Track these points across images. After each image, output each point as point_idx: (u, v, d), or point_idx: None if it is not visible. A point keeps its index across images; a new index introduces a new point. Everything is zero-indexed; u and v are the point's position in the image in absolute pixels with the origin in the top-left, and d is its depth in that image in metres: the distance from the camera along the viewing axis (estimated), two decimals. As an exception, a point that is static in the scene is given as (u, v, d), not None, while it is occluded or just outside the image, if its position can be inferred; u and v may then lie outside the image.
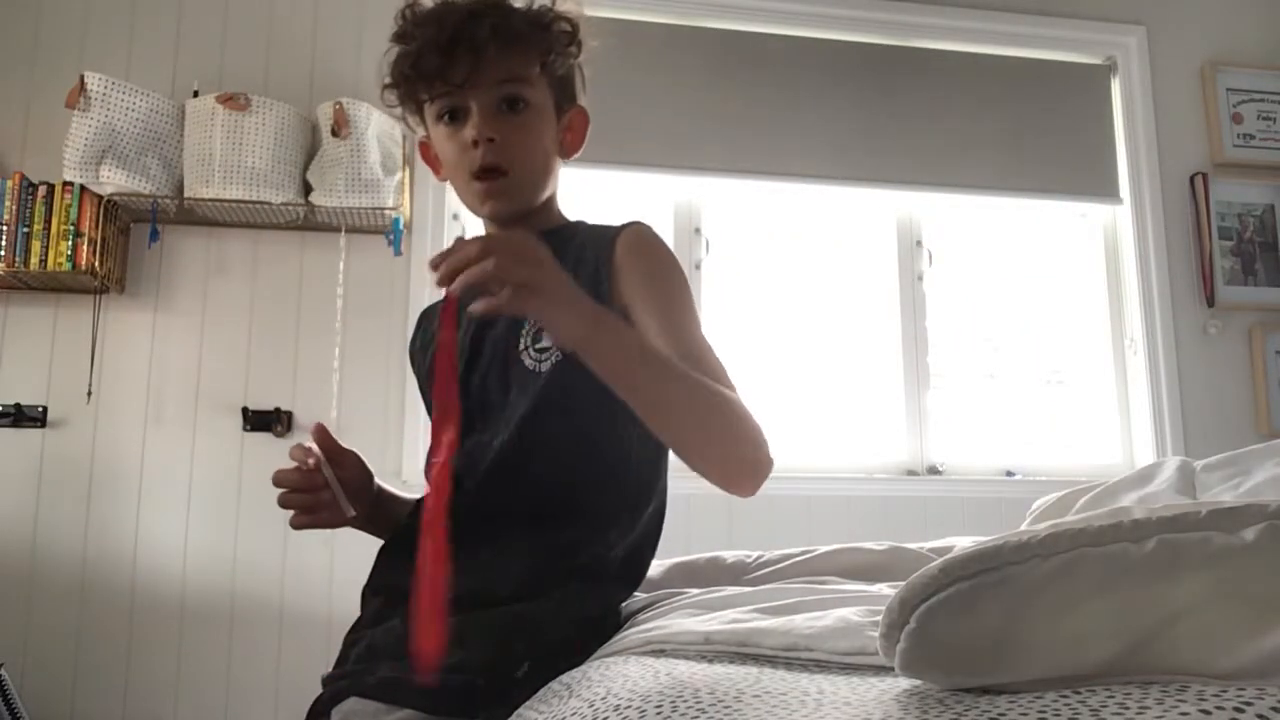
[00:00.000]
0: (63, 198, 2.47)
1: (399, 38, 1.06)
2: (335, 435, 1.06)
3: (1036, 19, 3.21)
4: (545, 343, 1.03)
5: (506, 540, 1.00)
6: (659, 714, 0.56)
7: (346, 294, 2.71)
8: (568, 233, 1.13)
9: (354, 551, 2.57)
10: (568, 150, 1.15)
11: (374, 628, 1.00)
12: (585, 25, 1.11)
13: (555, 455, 0.99)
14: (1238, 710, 0.40)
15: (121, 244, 2.62)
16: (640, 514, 1.06)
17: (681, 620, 0.83)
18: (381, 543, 1.11)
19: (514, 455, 0.98)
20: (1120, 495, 1.45)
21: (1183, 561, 0.45)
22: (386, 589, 1.05)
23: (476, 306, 0.80)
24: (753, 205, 3.06)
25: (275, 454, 2.63)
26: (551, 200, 1.16)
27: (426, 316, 1.26)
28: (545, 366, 1.02)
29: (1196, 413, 3.09)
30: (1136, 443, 3.11)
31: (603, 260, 1.05)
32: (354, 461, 1.09)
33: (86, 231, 2.47)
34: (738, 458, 0.93)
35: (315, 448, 1.04)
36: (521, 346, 1.05)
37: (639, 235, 1.07)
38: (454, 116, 1.06)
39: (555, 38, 1.08)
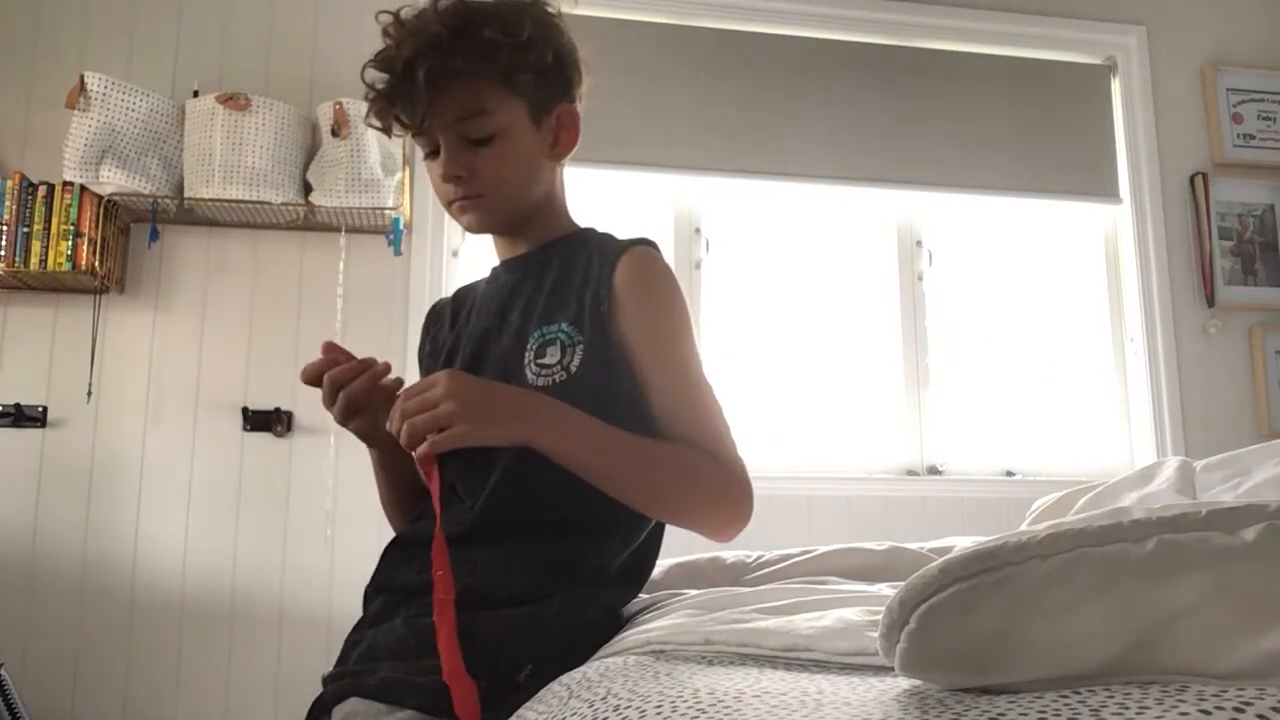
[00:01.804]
0: (63, 198, 2.47)
1: (368, 88, 1.06)
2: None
3: (1036, 19, 3.21)
4: (548, 359, 1.03)
5: (509, 546, 1.00)
6: (659, 714, 0.56)
7: (346, 294, 2.71)
8: (576, 241, 1.13)
9: (354, 551, 2.58)
10: (561, 150, 1.12)
11: (376, 628, 1.00)
12: (549, 22, 1.07)
13: (558, 470, 0.99)
14: (1238, 710, 0.40)
15: (121, 244, 2.63)
16: (644, 524, 1.06)
17: (681, 621, 0.83)
18: (384, 543, 1.10)
19: (517, 470, 0.98)
20: (1120, 495, 1.45)
21: (1183, 561, 0.45)
22: (389, 589, 1.04)
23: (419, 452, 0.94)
24: (753, 205, 3.06)
25: (275, 454, 2.63)
26: (551, 207, 1.14)
27: (435, 317, 1.25)
28: (546, 382, 1.02)
29: (1196, 413, 3.09)
30: (1136, 443, 3.11)
31: (604, 281, 1.04)
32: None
33: (86, 231, 2.47)
34: (696, 518, 1.02)
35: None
36: (525, 361, 1.04)
37: (640, 265, 1.06)
38: (434, 152, 1.08)
39: (507, 56, 1.02)
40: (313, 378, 1.04)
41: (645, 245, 1.09)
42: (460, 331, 1.16)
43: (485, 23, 1.02)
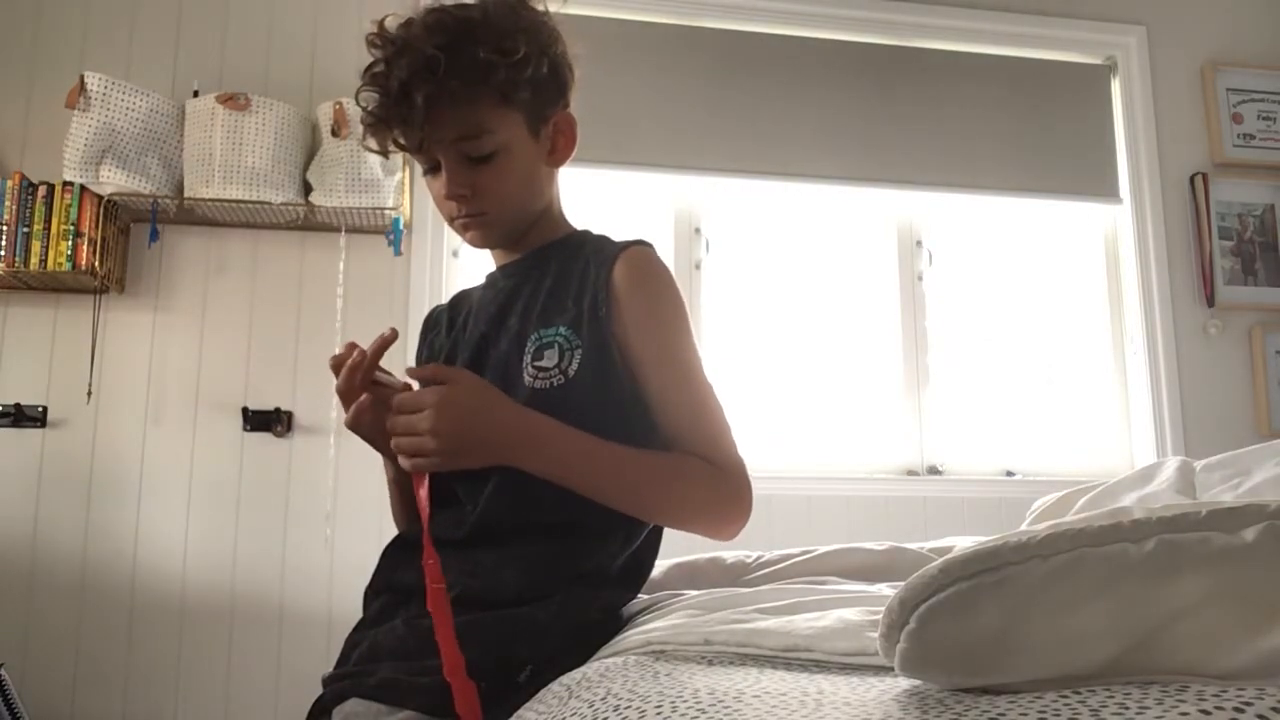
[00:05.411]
0: (63, 198, 2.47)
1: (362, 110, 1.05)
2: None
3: (1036, 19, 3.21)
4: (545, 362, 1.03)
5: (510, 548, 1.00)
6: (659, 714, 0.56)
7: (346, 294, 2.71)
8: (572, 244, 1.12)
9: (354, 551, 2.58)
10: (559, 157, 1.12)
11: (376, 628, 1.00)
12: (541, 28, 1.06)
13: None
14: (1238, 710, 0.40)
15: (121, 244, 2.63)
16: (642, 525, 1.06)
17: (681, 621, 0.83)
18: (384, 544, 1.10)
19: (516, 473, 0.98)
20: (1120, 495, 1.45)
21: (1183, 561, 0.45)
22: (389, 590, 1.04)
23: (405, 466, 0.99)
24: (753, 205, 3.06)
25: (275, 454, 2.63)
26: (550, 212, 1.14)
27: (432, 324, 1.25)
28: (543, 385, 1.02)
29: (1196, 413, 3.09)
30: (1136, 443, 3.11)
31: (601, 282, 1.04)
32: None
33: (86, 231, 2.47)
34: (690, 523, 1.04)
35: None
36: (523, 364, 1.04)
37: (637, 265, 1.06)
38: (433, 168, 1.07)
39: (504, 74, 1.00)
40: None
41: (641, 245, 1.08)
42: (457, 338, 1.16)
43: (479, 41, 1.00)
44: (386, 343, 1.01)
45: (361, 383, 1.02)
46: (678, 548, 1.28)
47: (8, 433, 2.54)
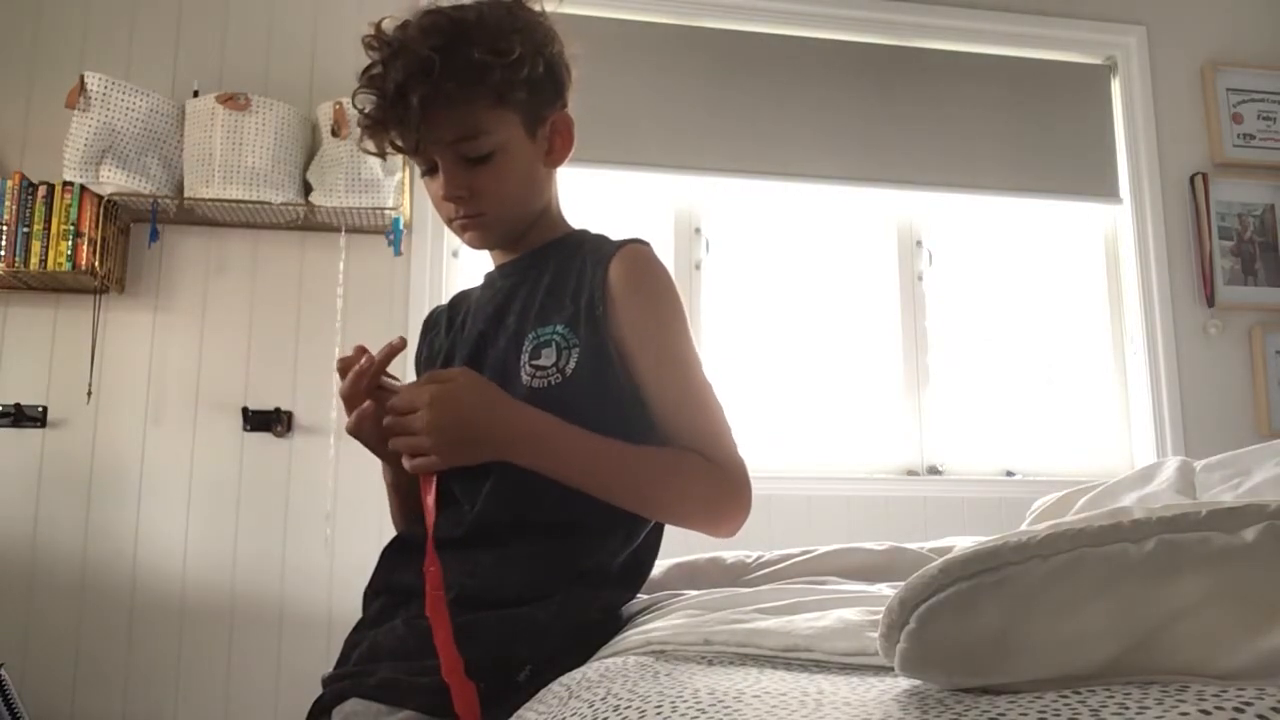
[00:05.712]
0: (63, 198, 2.47)
1: (359, 112, 1.05)
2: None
3: (1036, 19, 3.21)
4: (543, 360, 1.03)
5: (509, 547, 1.00)
6: (659, 714, 0.56)
7: (346, 294, 2.71)
8: (570, 243, 1.13)
9: (354, 551, 2.58)
10: (557, 157, 1.11)
11: (376, 629, 1.00)
12: (537, 29, 1.05)
13: None
14: (1238, 710, 0.40)
15: (121, 244, 2.63)
16: (642, 523, 1.06)
17: (681, 621, 0.83)
18: (383, 544, 1.10)
19: (514, 472, 0.98)
20: (1120, 495, 1.45)
21: (1183, 561, 0.45)
22: (389, 590, 1.05)
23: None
24: (753, 205, 3.06)
25: (275, 454, 2.63)
26: (548, 212, 1.14)
27: (432, 324, 1.25)
28: (540, 384, 1.02)
29: (1196, 413, 3.09)
30: (1136, 443, 3.11)
31: (597, 282, 1.04)
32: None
33: (86, 231, 2.47)
34: (689, 520, 1.04)
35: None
36: (521, 363, 1.04)
37: (634, 263, 1.06)
38: (431, 169, 1.07)
39: (499, 75, 1.00)
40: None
41: (638, 244, 1.08)
42: (456, 337, 1.16)
43: (474, 42, 1.00)
44: (395, 351, 1.03)
45: (366, 388, 1.02)
46: (678, 548, 1.28)
47: (8, 433, 2.54)
